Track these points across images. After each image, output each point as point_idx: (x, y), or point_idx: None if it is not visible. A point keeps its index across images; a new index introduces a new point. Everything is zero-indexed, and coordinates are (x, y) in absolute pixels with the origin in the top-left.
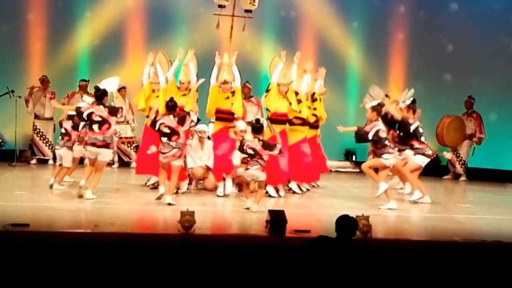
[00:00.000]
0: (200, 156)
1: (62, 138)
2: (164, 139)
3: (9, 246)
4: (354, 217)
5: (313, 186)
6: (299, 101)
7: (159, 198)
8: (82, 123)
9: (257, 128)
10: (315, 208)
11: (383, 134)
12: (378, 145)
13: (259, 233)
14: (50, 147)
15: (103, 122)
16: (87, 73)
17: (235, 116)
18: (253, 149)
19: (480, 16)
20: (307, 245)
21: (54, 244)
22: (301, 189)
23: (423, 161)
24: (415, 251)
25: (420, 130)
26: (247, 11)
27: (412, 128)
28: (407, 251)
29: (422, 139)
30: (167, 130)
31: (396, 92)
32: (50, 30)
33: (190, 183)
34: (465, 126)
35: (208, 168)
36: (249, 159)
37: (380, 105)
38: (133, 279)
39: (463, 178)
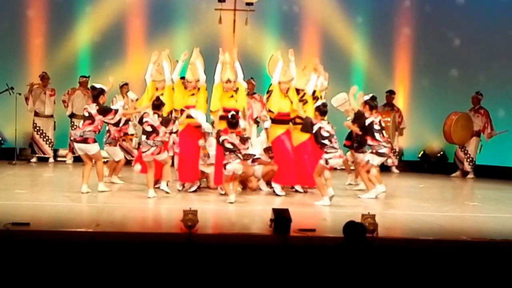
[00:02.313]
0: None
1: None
2: (143, 137)
3: (10, 245)
4: (360, 220)
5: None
6: (305, 101)
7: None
8: (123, 120)
9: (232, 123)
10: (320, 207)
11: (324, 133)
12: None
13: (263, 232)
14: (50, 145)
15: (88, 118)
16: (88, 70)
17: (240, 112)
18: (232, 144)
19: (487, 10)
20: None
21: (55, 243)
22: (303, 188)
23: (373, 159)
24: (422, 250)
25: (376, 126)
26: (248, 4)
27: (366, 122)
28: (414, 250)
29: (377, 136)
30: (149, 129)
31: (402, 88)
32: (50, 26)
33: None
34: (472, 122)
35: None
36: (227, 153)
37: (324, 105)
38: (136, 279)
39: (470, 175)
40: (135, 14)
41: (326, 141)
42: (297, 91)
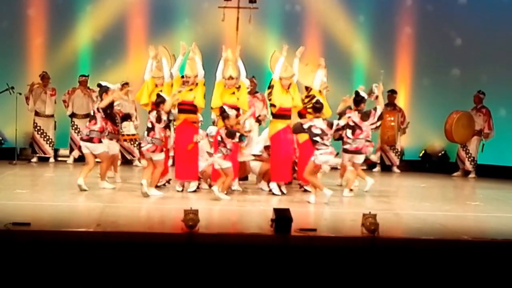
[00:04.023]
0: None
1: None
2: (145, 133)
3: (10, 245)
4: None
5: None
6: (312, 97)
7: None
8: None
9: (224, 116)
10: (321, 206)
11: (315, 131)
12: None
13: (264, 231)
14: (51, 145)
15: (92, 118)
16: (88, 69)
17: (241, 111)
18: (221, 137)
19: (489, 9)
20: None
21: (56, 243)
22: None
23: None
24: (423, 249)
25: (350, 123)
26: (251, 1)
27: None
28: (415, 249)
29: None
30: (149, 125)
31: (403, 87)
32: (51, 25)
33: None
34: (474, 121)
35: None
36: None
37: (317, 102)
38: (136, 279)
39: (472, 175)
40: (136, 13)
41: (317, 138)
42: (306, 88)
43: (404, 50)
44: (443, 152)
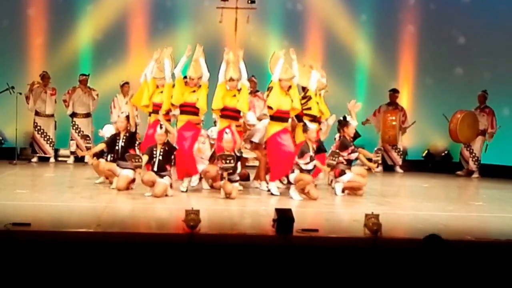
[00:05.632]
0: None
1: None
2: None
3: (10, 245)
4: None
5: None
6: (309, 98)
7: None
8: None
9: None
10: (323, 207)
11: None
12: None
13: (266, 232)
14: (51, 145)
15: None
16: (89, 69)
17: (241, 113)
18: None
19: (492, 7)
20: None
21: (56, 244)
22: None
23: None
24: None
25: None
26: (250, 2)
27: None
28: (417, 250)
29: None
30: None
31: (406, 86)
32: (51, 25)
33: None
34: (478, 121)
35: None
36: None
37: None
38: (137, 279)
39: (476, 175)
40: (136, 12)
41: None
42: (303, 88)
43: (407, 49)
44: (446, 152)
